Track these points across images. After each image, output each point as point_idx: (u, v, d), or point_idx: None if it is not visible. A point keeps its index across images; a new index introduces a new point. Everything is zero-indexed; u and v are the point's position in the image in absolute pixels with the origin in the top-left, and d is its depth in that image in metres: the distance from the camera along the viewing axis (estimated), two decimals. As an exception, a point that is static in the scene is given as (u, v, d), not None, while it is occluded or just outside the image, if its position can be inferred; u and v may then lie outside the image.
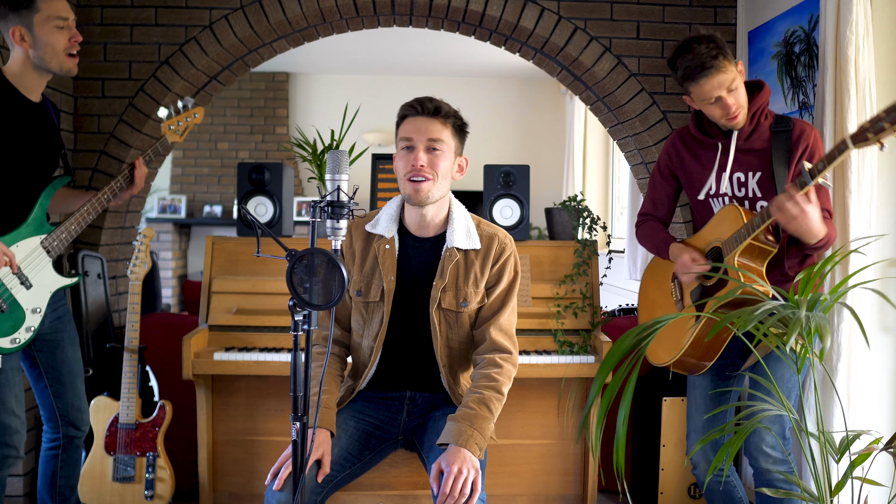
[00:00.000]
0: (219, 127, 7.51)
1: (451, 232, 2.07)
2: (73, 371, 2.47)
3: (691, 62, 2.18)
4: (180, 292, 7.34)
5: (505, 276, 2.11)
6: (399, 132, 2.04)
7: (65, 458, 2.51)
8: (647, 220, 2.53)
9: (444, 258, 2.06)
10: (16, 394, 2.29)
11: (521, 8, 3.24)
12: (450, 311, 2.07)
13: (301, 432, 1.61)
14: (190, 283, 6.25)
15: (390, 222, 2.11)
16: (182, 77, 3.25)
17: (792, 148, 2.21)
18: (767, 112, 2.28)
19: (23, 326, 2.27)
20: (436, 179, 2.00)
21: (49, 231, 2.33)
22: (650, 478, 3.06)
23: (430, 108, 2.00)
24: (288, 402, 2.96)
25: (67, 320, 2.47)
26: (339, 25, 3.43)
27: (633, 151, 3.54)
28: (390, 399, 2.16)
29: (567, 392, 2.98)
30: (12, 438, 2.27)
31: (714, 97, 2.20)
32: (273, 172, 3.18)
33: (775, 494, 2.06)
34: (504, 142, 7.61)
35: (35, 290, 2.30)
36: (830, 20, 2.36)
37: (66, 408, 2.47)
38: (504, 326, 2.10)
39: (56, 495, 2.54)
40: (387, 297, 2.07)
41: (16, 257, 2.24)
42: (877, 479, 2.17)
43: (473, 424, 1.92)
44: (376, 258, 2.09)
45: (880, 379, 2.43)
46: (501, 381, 2.02)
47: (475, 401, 1.96)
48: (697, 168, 2.37)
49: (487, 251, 2.09)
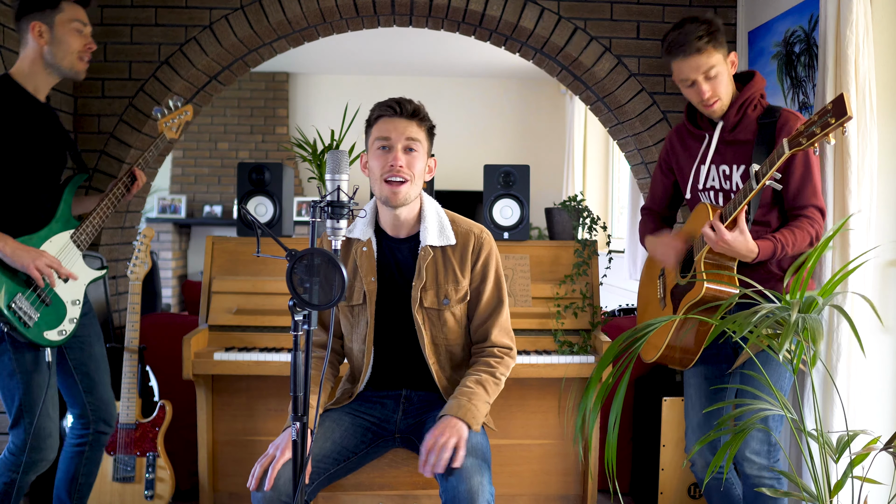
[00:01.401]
0: (219, 127, 7.51)
1: (424, 230, 2.08)
2: (101, 367, 2.50)
3: (676, 38, 2.17)
4: (180, 292, 7.34)
5: (490, 274, 2.12)
6: (373, 132, 2.03)
7: (89, 456, 2.52)
8: (646, 215, 2.54)
9: (420, 258, 2.07)
10: (52, 395, 2.31)
11: (521, 8, 3.24)
12: (432, 310, 2.09)
13: (301, 432, 1.61)
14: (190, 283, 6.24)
15: (366, 225, 2.12)
16: (182, 77, 3.25)
17: (775, 140, 2.15)
18: (758, 103, 2.23)
19: (66, 318, 2.33)
20: (413, 181, 2.01)
21: (76, 226, 2.40)
22: (650, 478, 3.06)
23: (409, 109, 2.01)
24: (288, 402, 2.96)
25: (92, 316, 2.51)
26: (339, 25, 3.43)
27: (633, 151, 3.54)
28: (386, 398, 2.17)
29: (567, 392, 2.98)
30: (45, 442, 2.28)
31: (689, 80, 2.18)
32: (273, 172, 3.18)
33: (775, 494, 2.06)
34: (504, 142, 7.61)
35: (71, 282, 2.36)
36: (831, 20, 2.36)
37: (97, 403, 2.48)
38: (504, 324, 2.14)
39: (74, 493, 2.53)
40: (369, 299, 2.08)
41: (50, 251, 2.30)
42: (876, 478, 2.17)
43: (471, 399, 1.97)
44: (356, 262, 2.11)
45: (880, 379, 2.43)
46: (498, 369, 2.07)
47: (473, 381, 2.02)
48: (686, 160, 2.36)
49: (465, 247, 2.10)
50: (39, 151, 2.30)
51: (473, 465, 1.88)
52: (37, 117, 2.30)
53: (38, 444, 2.27)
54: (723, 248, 2.06)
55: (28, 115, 2.27)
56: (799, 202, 2.15)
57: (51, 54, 2.27)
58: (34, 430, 2.25)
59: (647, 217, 2.53)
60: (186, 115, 2.75)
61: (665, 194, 2.49)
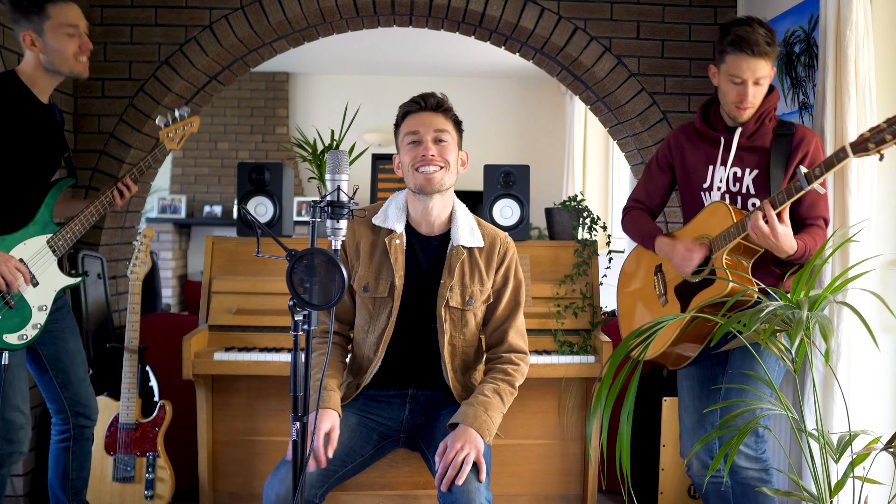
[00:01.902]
0: (219, 127, 7.51)
1: (456, 230, 2.09)
2: (77, 361, 2.49)
3: (747, 35, 2.18)
4: (180, 292, 7.34)
5: (511, 278, 2.15)
6: (402, 129, 2.06)
7: (76, 450, 2.52)
8: (637, 208, 2.54)
9: (451, 256, 2.08)
10: (21, 389, 2.30)
11: (521, 8, 3.24)
12: (456, 310, 2.09)
13: (301, 432, 1.61)
14: (190, 283, 6.24)
15: (399, 215, 2.11)
16: (182, 77, 3.25)
17: (792, 152, 2.23)
18: (773, 116, 2.30)
19: (29, 323, 2.30)
20: (447, 167, 2.03)
21: (55, 231, 2.37)
22: (650, 478, 3.06)
23: (433, 102, 2.04)
24: (288, 402, 2.95)
25: (66, 311, 2.49)
26: (339, 25, 3.43)
27: (633, 151, 3.54)
28: (392, 397, 2.16)
29: (567, 392, 2.98)
30: (17, 434, 2.28)
31: (741, 78, 2.20)
32: (273, 172, 3.18)
33: (776, 494, 2.06)
34: (504, 142, 7.61)
35: (41, 288, 2.33)
36: (831, 20, 2.36)
37: (73, 397, 2.48)
38: (520, 328, 2.16)
39: (69, 488, 2.54)
40: (396, 294, 2.07)
41: (24, 257, 2.27)
42: (877, 478, 2.17)
43: (487, 410, 1.97)
44: (386, 252, 2.09)
45: (880, 379, 2.42)
46: (516, 378, 2.08)
47: (490, 390, 2.02)
48: (696, 160, 2.38)
49: (491, 251, 2.12)
50: (30, 151, 2.29)
51: (472, 470, 1.89)
52: (34, 117, 2.29)
53: (9, 436, 2.27)
54: (769, 242, 2.08)
55: (26, 114, 2.26)
56: (813, 213, 2.23)
57: (48, 61, 2.27)
58: (5, 423, 2.25)
59: (643, 214, 2.53)
60: (192, 126, 2.72)
61: (661, 191, 2.52)
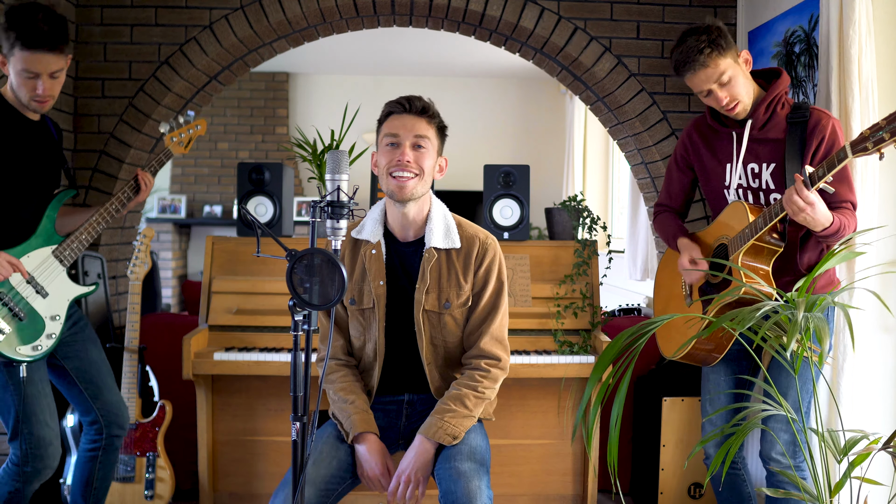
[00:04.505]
0: (219, 127, 7.51)
1: (429, 232, 2.07)
2: (103, 371, 2.47)
3: (679, 56, 2.18)
4: (180, 292, 7.34)
5: (492, 280, 2.10)
6: (383, 129, 2.04)
7: (104, 460, 2.50)
8: (663, 211, 2.53)
9: (424, 259, 2.06)
10: (48, 404, 2.29)
11: (521, 8, 3.24)
12: (432, 313, 2.07)
13: (301, 432, 1.61)
14: (190, 283, 6.25)
15: (375, 226, 2.11)
16: (182, 77, 3.25)
17: (807, 139, 2.15)
18: (785, 101, 2.23)
19: (43, 334, 2.28)
20: (421, 176, 2.01)
21: (59, 241, 2.35)
22: (650, 478, 3.06)
23: (418, 106, 2.02)
24: (288, 402, 2.96)
25: (84, 324, 2.47)
26: (339, 25, 3.43)
27: (633, 151, 3.54)
28: (390, 404, 2.17)
29: (567, 392, 2.98)
30: (46, 451, 2.27)
31: (704, 90, 2.19)
32: (273, 172, 3.18)
33: (775, 494, 2.07)
34: (504, 142, 7.61)
35: (52, 298, 2.32)
36: (833, 20, 2.36)
37: (107, 407, 2.46)
38: (495, 333, 2.10)
39: (90, 497, 2.53)
40: (378, 303, 2.07)
41: (26, 266, 2.25)
42: (876, 478, 2.17)
43: (444, 417, 1.98)
44: (364, 264, 2.10)
45: (880, 379, 2.42)
46: (482, 383, 2.04)
47: (451, 397, 2.02)
48: (712, 158, 2.35)
49: (469, 252, 2.09)
50: (24, 168, 2.27)
51: (471, 469, 1.88)
52: (24, 135, 2.26)
53: (39, 452, 2.26)
54: (805, 216, 1.98)
55: (14, 133, 2.23)
56: (838, 197, 2.12)
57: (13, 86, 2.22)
58: (34, 440, 2.24)
59: (669, 215, 2.51)
60: (198, 129, 2.71)
61: (683, 191, 2.49)
